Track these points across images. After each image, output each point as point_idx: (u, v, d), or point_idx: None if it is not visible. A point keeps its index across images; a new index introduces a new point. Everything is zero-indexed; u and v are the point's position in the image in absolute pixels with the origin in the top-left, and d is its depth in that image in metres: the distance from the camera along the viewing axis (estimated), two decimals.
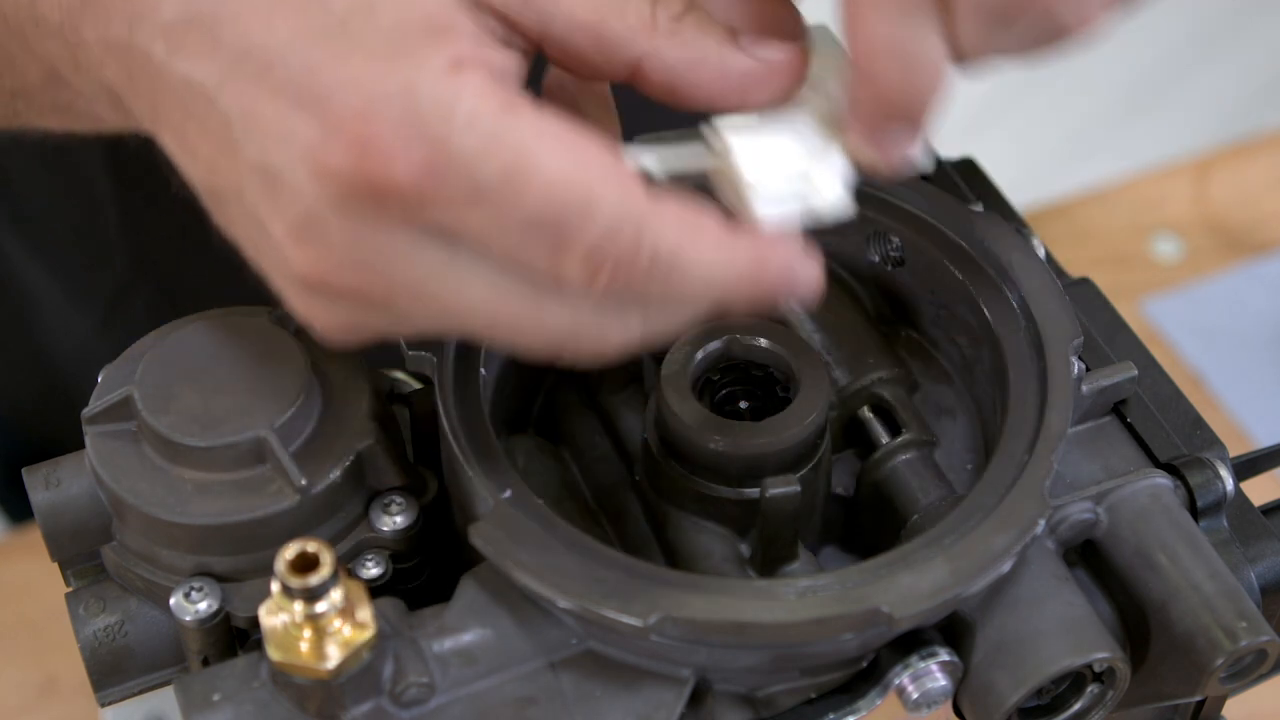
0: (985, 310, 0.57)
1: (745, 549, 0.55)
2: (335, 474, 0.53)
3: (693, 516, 0.55)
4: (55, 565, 0.56)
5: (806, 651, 0.50)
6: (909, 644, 0.51)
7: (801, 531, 0.55)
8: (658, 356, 0.56)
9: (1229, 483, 0.56)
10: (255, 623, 0.51)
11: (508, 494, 0.51)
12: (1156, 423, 0.57)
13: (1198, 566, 0.53)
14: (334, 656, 0.47)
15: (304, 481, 0.52)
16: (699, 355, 0.56)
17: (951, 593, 0.49)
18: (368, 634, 0.47)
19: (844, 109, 0.51)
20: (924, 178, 0.62)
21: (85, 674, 0.55)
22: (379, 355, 0.59)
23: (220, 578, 0.53)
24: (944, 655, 0.51)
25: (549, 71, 0.53)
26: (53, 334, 1.02)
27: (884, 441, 0.57)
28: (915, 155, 0.51)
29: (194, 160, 0.49)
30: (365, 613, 0.48)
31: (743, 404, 0.57)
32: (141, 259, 0.95)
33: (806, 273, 0.48)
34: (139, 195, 0.93)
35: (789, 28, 0.51)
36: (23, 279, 1.00)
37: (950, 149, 0.68)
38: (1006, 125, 2.15)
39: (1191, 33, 2.48)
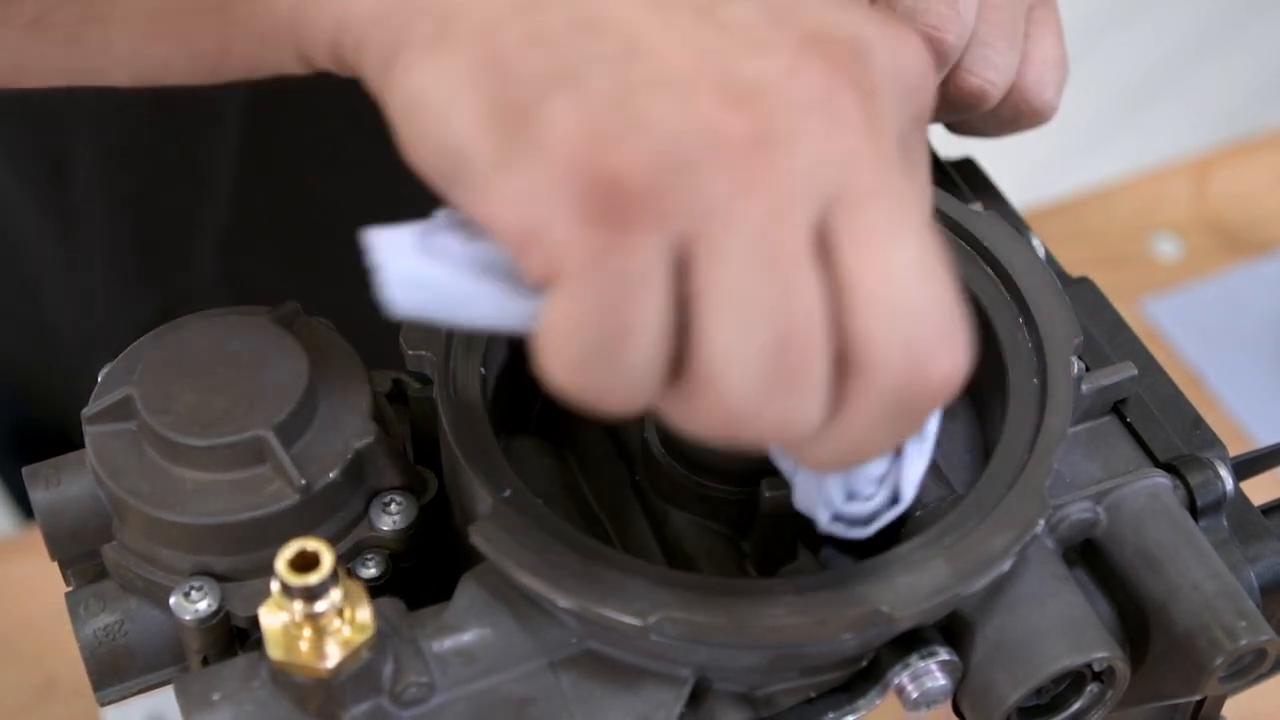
0: (985, 310, 0.57)
1: (745, 549, 0.55)
2: (335, 474, 0.53)
3: (693, 516, 0.55)
4: (55, 565, 0.56)
5: (806, 651, 0.50)
6: (909, 643, 0.51)
7: (801, 531, 0.55)
8: None
9: (1229, 482, 0.56)
10: (255, 622, 0.51)
11: (508, 494, 0.51)
12: (1156, 422, 0.57)
13: (1197, 566, 0.53)
14: (334, 656, 0.47)
15: (304, 481, 0.52)
16: None
17: (951, 592, 0.49)
18: (367, 633, 0.47)
19: None
20: None
21: (85, 674, 0.55)
22: (379, 355, 0.59)
23: (220, 577, 0.53)
24: (944, 655, 0.51)
25: None
26: (61, 312, 1.02)
27: None
28: None
29: None
30: (365, 612, 0.48)
31: None
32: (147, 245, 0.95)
33: None
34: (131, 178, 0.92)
35: None
36: (35, 254, 1.00)
37: (950, 149, 0.68)
38: None
39: (1191, 33, 2.48)
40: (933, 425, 0.52)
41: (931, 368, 0.42)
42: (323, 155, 0.91)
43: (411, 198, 0.50)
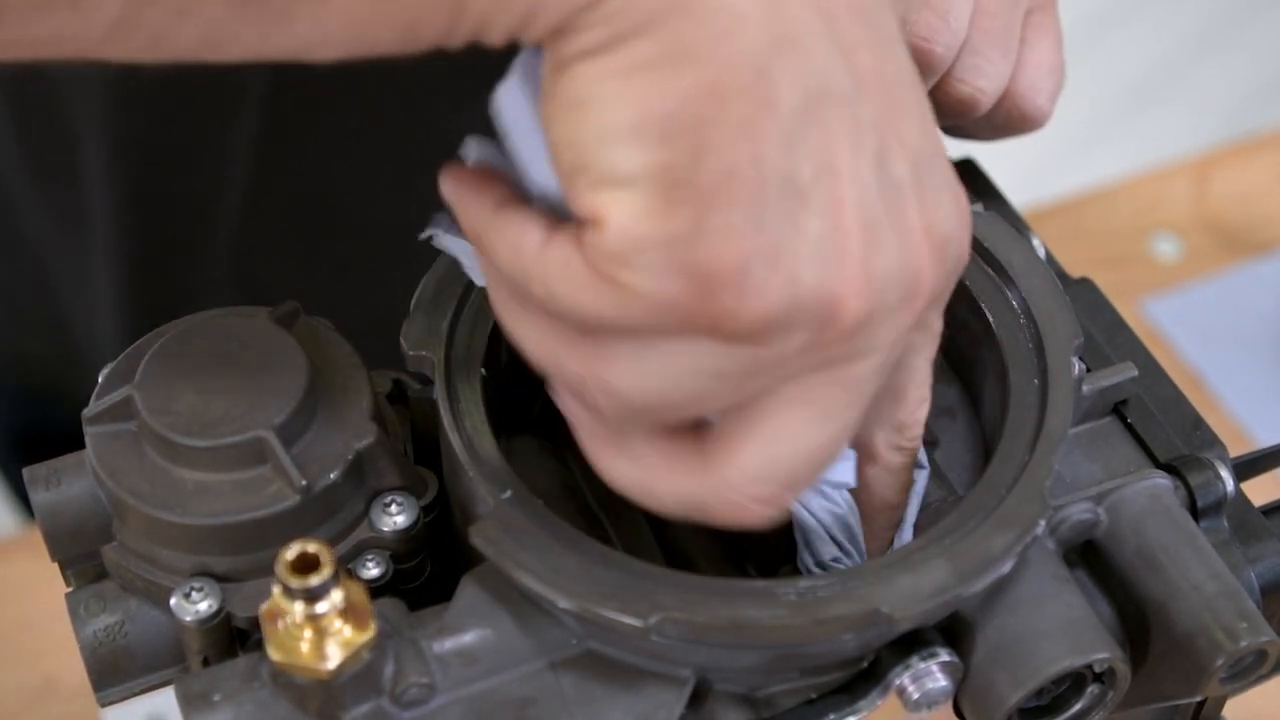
0: (985, 310, 0.57)
1: (745, 549, 0.55)
2: (335, 474, 0.53)
3: None
4: (55, 565, 0.56)
5: (806, 652, 0.50)
6: (909, 644, 0.51)
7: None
8: None
9: (1229, 483, 0.56)
10: (255, 623, 0.51)
11: (508, 494, 0.51)
12: (1157, 423, 0.57)
13: (1198, 567, 0.53)
14: (334, 657, 0.47)
15: (304, 482, 0.52)
16: None
17: (952, 593, 0.49)
18: (368, 634, 0.47)
19: None
20: None
21: (85, 674, 0.55)
22: (379, 355, 0.59)
23: (220, 578, 0.53)
24: (944, 655, 0.51)
25: None
26: (73, 309, 1.02)
27: None
28: None
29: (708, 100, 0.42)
30: (366, 613, 0.48)
31: None
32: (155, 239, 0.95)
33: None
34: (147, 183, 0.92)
35: None
36: (47, 251, 1.00)
37: (950, 149, 0.68)
38: None
39: (1191, 32, 2.48)
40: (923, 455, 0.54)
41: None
42: (339, 151, 0.91)
43: (429, 196, 0.50)
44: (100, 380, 0.55)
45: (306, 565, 0.47)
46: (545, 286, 0.45)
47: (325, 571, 0.46)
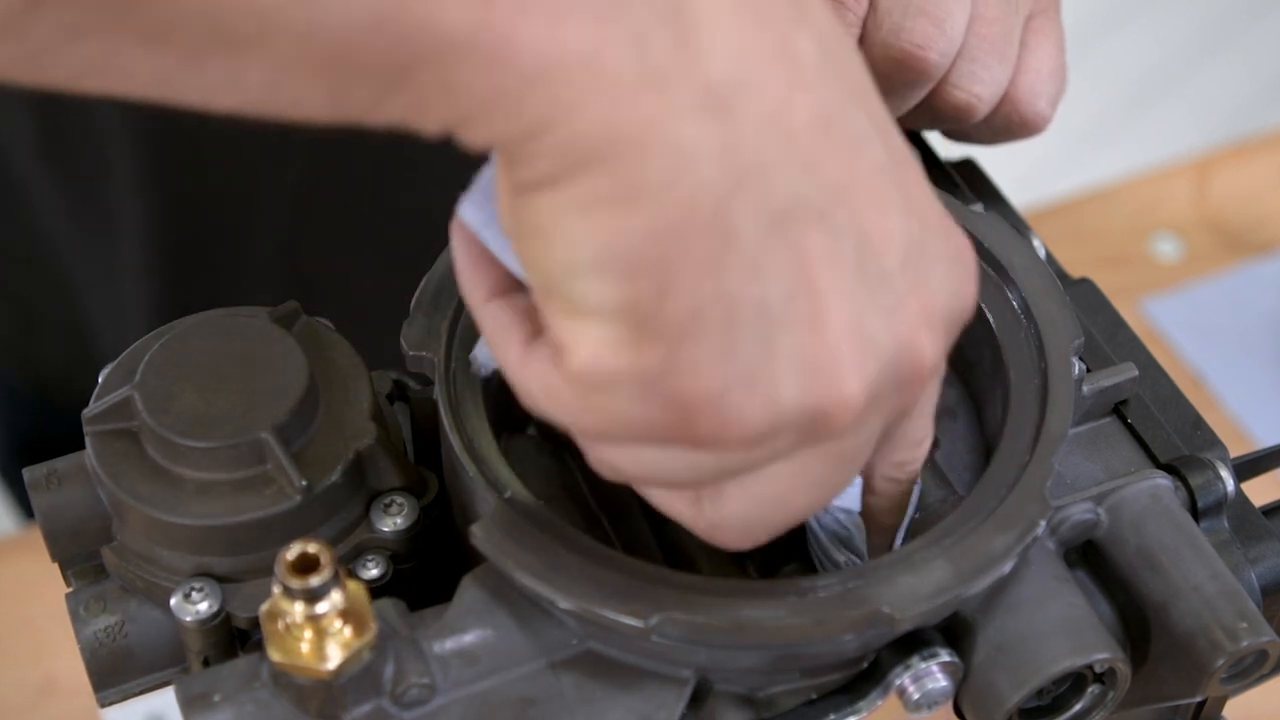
0: (986, 310, 0.57)
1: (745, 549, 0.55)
2: (335, 475, 0.53)
3: None
4: (55, 565, 0.56)
5: (807, 652, 0.50)
6: (910, 645, 0.51)
7: (801, 531, 0.55)
8: None
9: (1230, 483, 0.56)
10: (256, 623, 0.51)
11: (508, 494, 0.51)
12: (1157, 423, 0.57)
13: (1199, 567, 0.53)
14: (335, 657, 0.47)
15: (304, 483, 0.52)
16: None
17: (952, 593, 0.49)
18: (368, 635, 0.47)
19: None
20: None
21: (85, 674, 0.55)
22: (379, 355, 0.59)
23: (221, 578, 0.53)
24: (945, 656, 0.51)
25: None
26: (99, 318, 1.02)
27: None
28: None
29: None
30: (366, 613, 0.48)
31: None
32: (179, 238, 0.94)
33: None
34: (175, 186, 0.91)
35: None
36: (67, 251, 0.99)
37: (950, 149, 0.68)
38: None
39: (1192, 33, 2.48)
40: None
41: None
42: (395, 145, 0.90)
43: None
44: (100, 380, 0.55)
45: (306, 565, 0.47)
46: (529, 398, 0.46)
47: (325, 572, 0.46)
